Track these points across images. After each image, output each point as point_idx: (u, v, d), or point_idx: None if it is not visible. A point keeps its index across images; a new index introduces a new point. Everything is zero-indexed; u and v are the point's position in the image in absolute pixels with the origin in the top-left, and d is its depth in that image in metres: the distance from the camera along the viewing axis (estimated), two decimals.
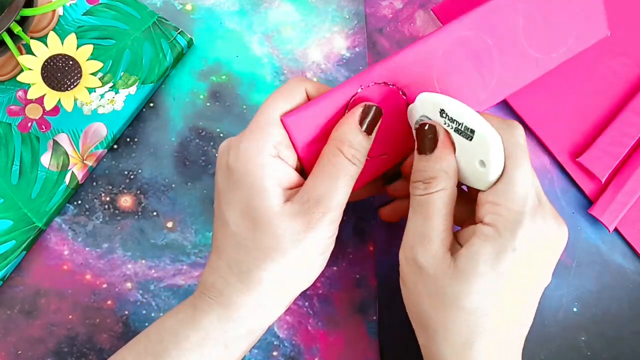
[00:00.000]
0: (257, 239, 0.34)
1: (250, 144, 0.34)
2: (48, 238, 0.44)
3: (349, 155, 0.34)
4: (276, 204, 0.34)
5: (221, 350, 0.34)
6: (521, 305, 0.33)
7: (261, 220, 0.34)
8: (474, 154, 0.33)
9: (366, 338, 0.43)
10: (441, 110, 0.34)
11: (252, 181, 0.34)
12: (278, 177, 0.34)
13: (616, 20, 0.46)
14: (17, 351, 0.43)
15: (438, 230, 0.33)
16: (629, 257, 0.44)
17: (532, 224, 0.32)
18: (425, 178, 0.34)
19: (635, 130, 0.44)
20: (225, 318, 0.34)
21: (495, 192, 0.32)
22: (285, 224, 0.33)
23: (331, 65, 0.46)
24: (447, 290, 0.32)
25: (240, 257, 0.34)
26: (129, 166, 0.45)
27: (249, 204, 0.34)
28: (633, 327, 0.44)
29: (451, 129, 0.34)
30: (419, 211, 0.34)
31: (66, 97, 0.39)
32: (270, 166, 0.34)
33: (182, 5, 0.47)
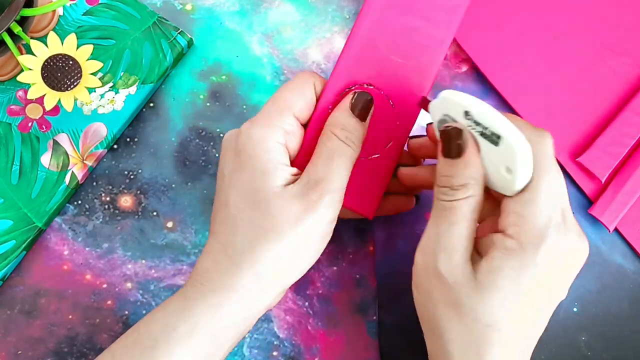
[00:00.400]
0: (255, 220, 0.34)
1: (260, 128, 0.35)
2: (48, 238, 0.44)
3: (342, 137, 0.35)
4: (277, 186, 0.34)
5: (209, 340, 0.34)
6: (535, 319, 0.32)
7: (261, 201, 0.34)
8: (501, 159, 0.32)
9: (366, 338, 0.43)
10: (466, 112, 0.33)
11: (258, 163, 0.34)
12: (282, 161, 0.35)
13: (616, 20, 0.46)
14: (17, 351, 0.43)
15: (462, 238, 0.32)
16: (629, 257, 0.44)
17: (555, 241, 0.31)
18: (453, 184, 0.33)
19: (635, 130, 0.44)
20: (215, 304, 0.34)
21: (521, 203, 0.31)
22: (285, 204, 0.33)
23: (331, 65, 0.46)
24: (465, 302, 0.31)
25: (236, 238, 0.34)
26: (129, 166, 0.45)
27: (252, 185, 0.34)
28: (633, 327, 0.44)
29: (476, 132, 0.33)
30: (445, 216, 0.33)
31: (66, 97, 0.39)
32: (277, 151, 0.35)
33: (182, 5, 0.47)
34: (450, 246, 0.32)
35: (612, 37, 0.46)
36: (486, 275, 0.31)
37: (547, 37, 0.46)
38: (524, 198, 0.31)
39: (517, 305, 0.31)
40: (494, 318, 0.31)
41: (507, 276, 0.31)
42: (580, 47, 0.46)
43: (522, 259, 0.31)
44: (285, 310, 0.44)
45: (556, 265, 0.31)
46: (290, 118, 0.36)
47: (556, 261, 0.31)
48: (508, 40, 0.46)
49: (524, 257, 0.30)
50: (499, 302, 0.31)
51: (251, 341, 0.43)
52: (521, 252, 0.31)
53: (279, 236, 0.33)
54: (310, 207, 0.33)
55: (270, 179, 0.34)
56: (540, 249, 0.30)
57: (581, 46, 0.46)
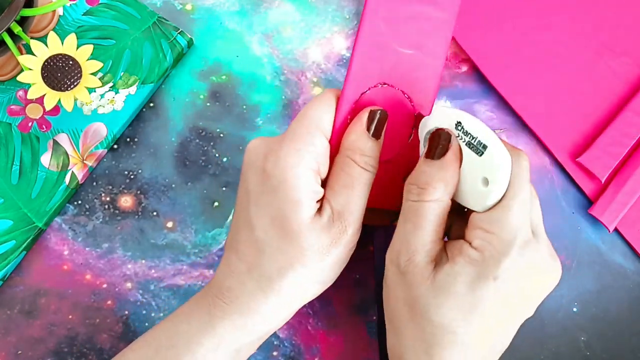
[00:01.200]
0: (283, 248, 0.34)
1: (291, 152, 0.34)
2: (48, 238, 0.44)
3: (361, 164, 0.34)
4: (307, 217, 0.34)
5: (233, 355, 0.35)
6: (495, 332, 0.32)
7: (291, 231, 0.34)
8: (480, 170, 0.33)
9: (366, 338, 0.43)
10: (457, 123, 0.34)
11: (288, 191, 0.33)
12: (313, 190, 0.34)
13: (616, 20, 0.46)
14: (17, 351, 0.43)
15: (425, 242, 0.33)
16: (629, 257, 0.44)
17: (520, 257, 0.31)
18: (420, 182, 0.33)
19: (635, 130, 0.44)
20: (240, 325, 0.34)
21: (489, 219, 0.32)
22: (314, 238, 0.34)
23: (331, 65, 0.46)
24: (420, 301, 0.32)
25: (264, 263, 0.34)
26: (129, 166, 0.45)
27: (281, 213, 0.34)
28: (633, 327, 0.44)
29: (463, 142, 0.34)
30: (410, 219, 0.33)
31: (66, 97, 0.39)
32: (308, 179, 0.34)
33: (182, 5, 0.47)
34: (412, 248, 0.33)
35: (612, 37, 0.46)
36: (444, 278, 0.32)
37: (547, 37, 0.46)
38: (492, 215, 0.32)
39: (472, 314, 0.31)
40: (445, 321, 0.31)
41: (463, 283, 0.31)
42: (580, 47, 0.46)
43: (481, 270, 0.31)
44: None
45: (519, 282, 0.32)
46: (320, 138, 0.35)
47: (519, 277, 0.32)
48: (508, 40, 0.46)
49: (484, 268, 0.31)
50: (452, 306, 0.31)
51: None
52: (482, 263, 0.31)
53: (305, 267, 0.34)
54: (336, 240, 0.34)
55: (300, 211, 0.34)
56: (501, 263, 0.31)
57: (581, 46, 0.46)
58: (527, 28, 0.46)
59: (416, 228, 0.33)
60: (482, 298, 0.31)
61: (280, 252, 0.34)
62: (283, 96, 0.46)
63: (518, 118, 0.46)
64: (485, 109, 0.46)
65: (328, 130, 0.35)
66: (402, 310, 0.33)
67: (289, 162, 0.34)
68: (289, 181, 0.33)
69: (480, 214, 0.33)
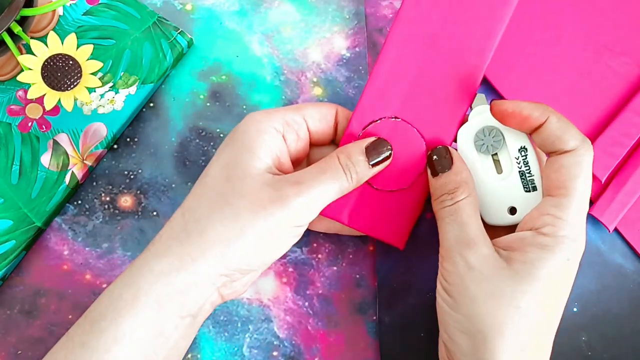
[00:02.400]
0: (222, 191, 0.34)
1: (263, 112, 0.36)
2: (48, 238, 0.44)
3: (342, 162, 0.35)
4: (258, 167, 0.34)
5: (154, 309, 0.33)
6: (559, 309, 0.34)
7: (235, 175, 0.34)
8: (515, 199, 0.35)
9: (366, 338, 0.43)
10: (523, 147, 0.36)
11: (245, 140, 0.35)
12: (271, 148, 0.35)
13: (616, 20, 0.46)
14: (17, 351, 0.43)
15: (480, 233, 0.34)
16: (629, 257, 0.44)
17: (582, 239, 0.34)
18: (449, 190, 0.35)
19: (635, 131, 0.44)
20: (158, 271, 0.33)
21: (557, 205, 0.33)
22: (256, 187, 0.33)
23: (331, 65, 0.46)
24: (505, 290, 0.32)
25: (198, 205, 0.34)
26: (129, 166, 0.45)
27: (234, 159, 0.34)
28: (633, 327, 0.44)
29: (518, 167, 0.36)
30: (453, 220, 0.34)
31: (66, 97, 0.39)
32: (270, 135, 0.35)
33: (182, 5, 0.47)
34: (472, 242, 0.34)
35: (612, 37, 0.46)
36: (523, 266, 0.32)
37: (547, 37, 0.46)
38: (561, 202, 0.33)
39: (550, 296, 0.33)
40: (532, 306, 0.32)
41: (543, 268, 0.32)
42: (580, 47, 0.46)
43: (557, 255, 0.33)
44: (285, 310, 0.44)
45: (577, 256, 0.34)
46: (296, 115, 0.36)
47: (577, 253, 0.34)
48: (508, 40, 0.46)
49: (559, 253, 0.33)
50: (536, 291, 0.32)
51: (251, 341, 0.43)
52: (557, 248, 0.32)
53: (236, 214, 0.33)
54: (281, 200, 0.33)
55: (253, 159, 0.34)
56: (572, 248, 0.33)
57: (581, 46, 0.46)
58: (527, 28, 0.46)
59: (464, 224, 0.34)
60: (558, 281, 0.33)
61: (218, 194, 0.33)
62: (283, 96, 0.46)
63: None
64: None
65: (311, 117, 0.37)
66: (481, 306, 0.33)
67: (256, 118, 0.35)
68: (250, 132, 0.35)
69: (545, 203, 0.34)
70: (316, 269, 0.44)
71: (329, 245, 0.44)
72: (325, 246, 0.44)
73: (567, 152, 0.34)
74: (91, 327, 0.33)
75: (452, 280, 0.34)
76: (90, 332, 0.33)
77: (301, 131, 0.37)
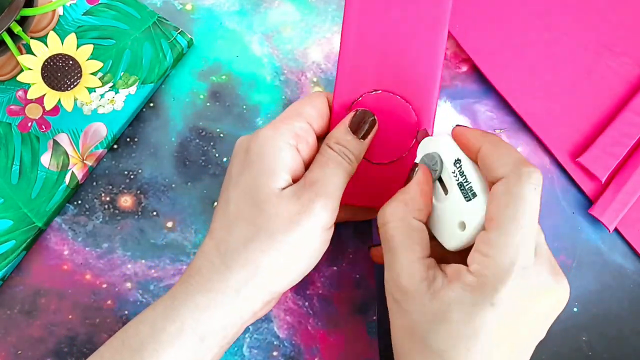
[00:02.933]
0: (251, 219, 0.34)
1: (270, 129, 0.35)
2: (48, 238, 0.44)
3: (336, 149, 0.35)
4: (279, 186, 0.34)
5: (197, 342, 0.33)
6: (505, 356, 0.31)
7: (260, 200, 0.34)
8: (460, 213, 0.33)
9: (366, 338, 0.43)
10: (457, 160, 0.34)
11: (263, 161, 0.35)
12: (289, 164, 0.35)
13: (616, 20, 0.46)
14: (17, 351, 0.43)
15: (404, 264, 0.32)
16: (629, 257, 0.44)
17: (520, 280, 0.30)
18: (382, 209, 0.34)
19: (635, 130, 0.44)
20: (203, 307, 0.33)
21: (487, 242, 0.31)
22: (281, 205, 0.33)
23: (331, 65, 0.46)
24: (417, 326, 0.31)
25: (231, 237, 0.34)
26: (129, 166, 0.45)
27: (254, 183, 0.34)
28: (634, 327, 0.44)
29: (455, 180, 0.34)
30: (384, 245, 0.34)
31: (66, 97, 0.39)
32: (285, 152, 0.35)
33: (182, 5, 0.47)
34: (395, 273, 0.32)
35: (612, 37, 0.46)
36: (440, 305, 0.31)
37: (547, 37, 0.46)
38: (492, 237, 0.30)
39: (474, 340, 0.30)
40: (444, 348, 0.30)
41: (460, 310, 0.30)
42: (580, 47, 0.46)
43: (478, 297, 0.30)
44: (285, 310, 0.44)
45: (521, 307, 0.30)
46: (301, 122, 0.36)
47: (521, 302, 0.30)
48: (508, 40, 0.46)
49: (481, 295, 0.30)
50: (451, 333, 0.30)
51: (251, 341, 0.43)
52: (479, 289, 0.30)
53: (272, 237, 0.33)
54: (305, 208, 0.33)
55: (273, 180, 0.34)
56: (498, 290, 0.30)
57: (581, 46, 0.46)
58: (527, 28, 0.46)
59: (391, 253, 0.33)
60: (482, 325, 0.30)
61: (248, 223, 0.34)
62: (283, 96, 0.46)
63: (518, 118, 0.46)
64: (485, 109, 0.46)
65: (310, 117, 0.37)
66: (401, 337, 0.32)
67: (267, 135, 0.35)
68: (265, 153, 0.35)
69: (480, 237, 0.31)
70: (316, 269, 0.44)
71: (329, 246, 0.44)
72: None
73: (498, 180, 0.31)
74: (131, 356, 0.33)
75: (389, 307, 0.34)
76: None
77: (310, 138, 0.37)
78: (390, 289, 0.33)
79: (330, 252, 0.44)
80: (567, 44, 0.46)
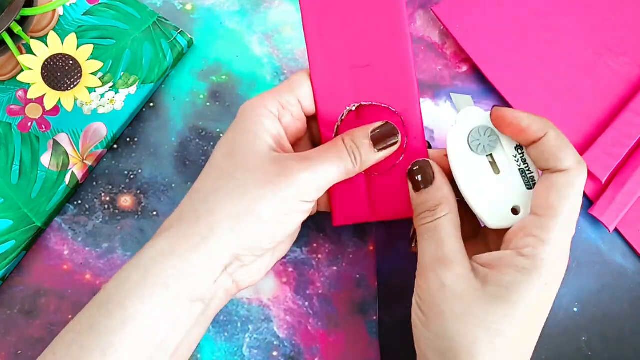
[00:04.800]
0: (228, 168, 0.34)
1: (258, 98, 0.36)
2: (48, 238, 0.44)
3: (347, 144, 0.35)
4: (261, 145, 0.34)
5: (162, 291, 0.32)
6: (536, 332, 0.33)
7: (240, 153, 0.34)
8: (518, 198, 0.35)
9: (366, 338, 0.43)
10: (518, 146, 0.35)
11: (247, 124, 0.35)
12: (270, 131, 0.35)
13: (616, 20, 0.46)
14: (17, 351, 0.43)
15: (457, 252, 0.33)
16: (629, 257, 0.44)
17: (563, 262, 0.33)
18: (430, 207, 0.35)
19: (635, 131, 0.44)
20: (167, 251, 0.32)
21: (542, 227, 0.32)
22: (260, 161, 0.33)
23: None
24: (475, 311, 0.32)
25: (205, 185, 0.34)
26: (129, 166, 0.45)
27: (236, 142, 0.35)
28: (634, 327, 0.44)
29: (517, 166, 0.35)
30: (431, 237, 0.34)
31: (66, 97, 0.39)
32: (267, 119, 0.35)
33: (182, 5, 0.47)
34: (447, 261, 0.33)
35: (612, 37, 0.46)
36: (497, 288, 0.32)
37: (547, 37, 0.46)
38: (548, 223, 0.32)
39: (523, 319, 0.32)
40: (503, 329, 0.31)
41: (517, 291, 0.31)
42: (580, 47, 0.46)
43: (534, 279, 0.32)
44: (285, 310, 0.44)
45: (556, 281, 0.33)
46: (290, 97, 0.36)
47: (559, 278, 0.33)
48: (508, 40, 0.46)
49: (537, 277, 0.32)
50: (509, 314, 0.31)
51: (251, 341, 0.43)
52: (535, 272, 0.32)
53: (243, 189, 0.33)
54: (287, 174, 0.33)
55: (255, 137, 0.34)
56: (551, 271, 0.32)
57: (581, 46, 0.46)
58: (527, 28, 0.46)
59: (441, 242, 0.34)
60: (534, 304, 0.32)
61: (223, 171, 0.34)
62: None
63: None
64: (485, 109, 0.46)
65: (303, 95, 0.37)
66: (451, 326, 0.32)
67: (252, 104, 0.36)
68: (249, 118, 0.35)
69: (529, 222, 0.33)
70: (316, 269, 0.44)
71: (329, 245, 0.44)
72: (325, 246, 0.44)
73: (561, 172, 0.33)
74: (99, 310, 0.32)
75: (424, 297, 0.33)
76: (98, 315, 0.32)
77: (295, 112, 0.37)
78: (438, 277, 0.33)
79: (330, 252, 0.44)
80: (567, 44, 0.46)
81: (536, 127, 0.33)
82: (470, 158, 0.36)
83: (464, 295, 0.32)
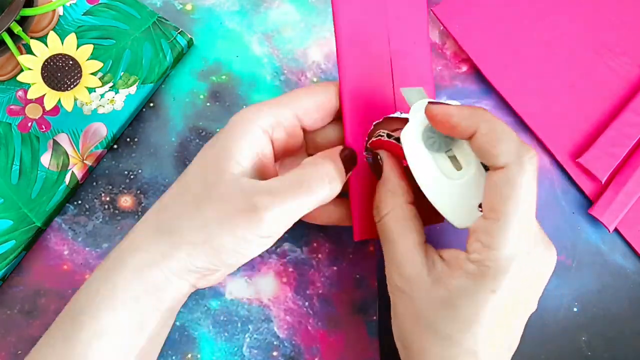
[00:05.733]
0: (196, 196, 0.32)
1: (252, 109, 0.34)
2: (48, 238, 0.44)
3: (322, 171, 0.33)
4: (234, 172, 0.32)
5: (132, 304, 0.32)
6: (505, 334, 0.32)
7: (211, 181, 0.32)
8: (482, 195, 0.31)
9: (366, 338, 0.43)
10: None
11: (228, 141, 0.33)
12: (253, 152, 0.33)
13: (616, 20, 0.46)
14: (17, 351, 0.43)
15: (404, 251, 0.33)
16: (629, 257, 0.44)
17: (521, 267, 0.30)
18: (375, 205, 0.34)
19: (635, 131, 0.44)
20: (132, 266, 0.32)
21: (488, 232, 0.30)
22: (228, 194, 0.31)
23: (331, 65, 0.46)
24: (423, 313, 0.32)
25: (173, 206, 0.33)
26: (129, 166, 0.45)
27: (213, 160, 0.33)
28: (633, 327, 0.44)
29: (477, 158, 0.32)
30: (383, 237, 0.34)
31: (66, 97, 0.39)
32: (255, 137, 0.33)
33: (182, 5, 0.47)
34: (396, 262, 0.33)
35: (612, 37, 0.46)
36: (444, 292, 0.31)
37: (547, 37, 0.46)
38: (492, 228, 0.30)
39: (477, 324, 0.31)
40: (452, 333, 0.31)
41: (464, 296, 0.31)
42: (580, 47, 0.46)
43: (480, 285, 0.30)
44: (285, 310, 0.44)
45: (521, 288, 0.31)
46: (289, 113, 0.34)
47: (521, 285, 0.31)
48: (508, 40, 0.46)
49: (483, 283, 0.30)
50: (457, 317, 0.31)
51: (251, 341, 0.43)
52: (481, 278, 0.30)
53: (203, 223, 0.32)
54: (249, 212, 0.31)
55: (230, 162, 0.32)
56: (500, 279, 0.30)
57: (581, 46, 0.46)
58: (527, 28, 0.46)
59: (389, 243, 0.33)
60: (485, 310, 0.30)
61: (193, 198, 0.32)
62: None
63: (518, 118, 0.46)
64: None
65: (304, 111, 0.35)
66: (408, 327, 0.33)
67: (245, 116, 0.34)
68: (232, 132, 0.33)
69: (479, 225, 0.31)
70: (316, 269, 0.44)
71: (329, 245, 0.44)
72: (325, 246, 0.44)
73: (499, 169, 0.30)
74: (72, 322, 0.33)
75: (392, 300, 0.34)
76: (71, 328, 0.32)
77: (291, 128, 0.35)
78: (392, 278, 0.33)
79: (330, 252, 0.44)
80: (567, 43, 0.46)
81: (466, 123, 0.30)
82: (428, 156, 0.33)
83: (413, 297, 0.32)
